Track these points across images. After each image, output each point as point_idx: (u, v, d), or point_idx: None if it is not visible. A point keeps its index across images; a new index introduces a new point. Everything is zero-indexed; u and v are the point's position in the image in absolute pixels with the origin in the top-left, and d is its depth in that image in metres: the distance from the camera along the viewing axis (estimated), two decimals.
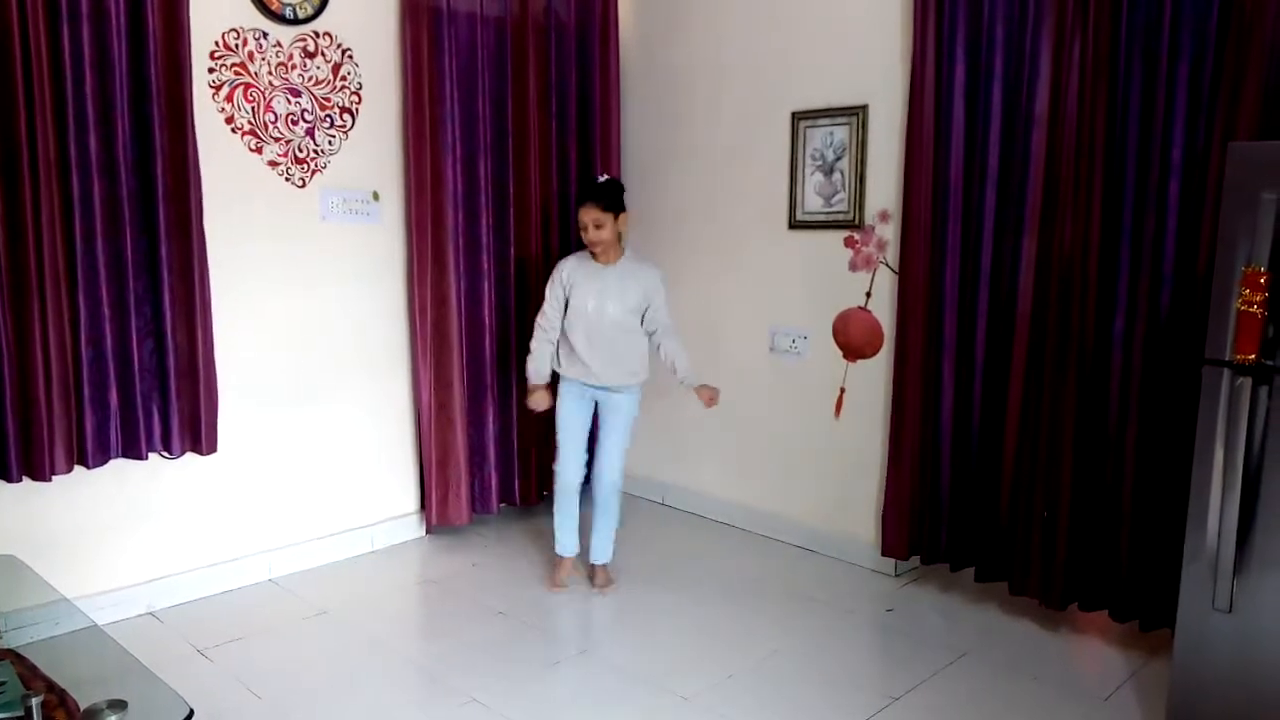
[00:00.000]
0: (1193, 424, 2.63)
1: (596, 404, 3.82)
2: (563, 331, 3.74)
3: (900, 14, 3.77)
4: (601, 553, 3.89)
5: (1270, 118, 2.84)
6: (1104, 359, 3.27)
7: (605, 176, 3.76)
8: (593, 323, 3.66)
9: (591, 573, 3.92)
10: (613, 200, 3.61)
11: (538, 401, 3.79)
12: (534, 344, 3.79)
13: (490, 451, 4.48)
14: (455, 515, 4.36)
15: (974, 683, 3.13)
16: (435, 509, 4.33)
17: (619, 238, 3.68)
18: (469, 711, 2.93)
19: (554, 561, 3.94)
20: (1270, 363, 2.46)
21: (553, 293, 3.73)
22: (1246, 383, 2.47)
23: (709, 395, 3.72)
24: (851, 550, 4.15)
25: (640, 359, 3.76)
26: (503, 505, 4.63)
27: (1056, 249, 3.32)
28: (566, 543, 3.90)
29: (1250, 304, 2.44)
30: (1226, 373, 2.52)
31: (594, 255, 3.67)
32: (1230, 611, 2.56)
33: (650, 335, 3.75)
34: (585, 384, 3.75)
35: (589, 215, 3.58)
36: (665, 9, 4.70)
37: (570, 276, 3.69)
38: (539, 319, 3.78)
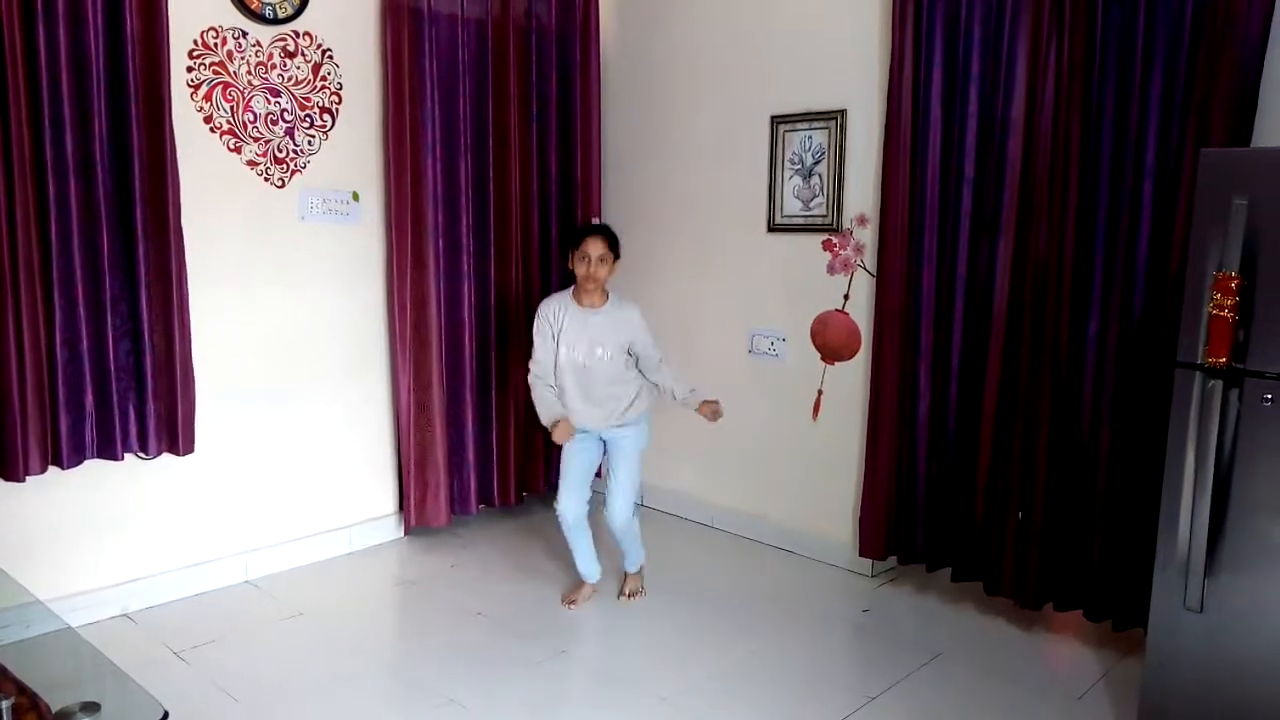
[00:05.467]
0: (1165, 426, 2.66)
1: (604, 440, 3.67)
2: (558, 382, 3.58)
3: (878, 19, 3.79)
4: (635, 561, 3.82)
5: (1241, 124, 2.88)
6: (1078, 361, 3.30)
7: (599, 221, 3.60)
8: (585, 373, 3.53)
9: (622, 580, 3.85)
10: (616, 242, 3.54)
11: (562, 434, 3.52)
12: (535, 394, 3.60)
13: (469, 452, 4.47)
14: (434, 516, 4.35)
15: (949, 683, 3.15)
16: (414, 510, 4.32)
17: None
18: (447, 712, 2.93)
19: (575, 582, 3.82)
20: (1241, 366, 2.49)
21: (541, 337, 3.56)
22: (1217, 386, 2.50)
23: (710, 409, 3.64)
24: (828, 551, 4.17)
25: (636, 395, 3.62)
26: (482, 506, 4.62)
27: (1032, 252, 3.35)
28: (589, 570, 3.75)
29: (1221, 308, 2.46)
30: (1198, 376, 2.55)
31: (579, 297, 3.54)
32: (1201, 612, 2.59)
33: (644, 373, 3.64)
34: (582, 430, 3.59)
35: (596, 248, 3.45)
36: (646, 13, 4.71)
37: (559, 320, 3.53)
38: (532, 368, 3.60)
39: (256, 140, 3.77)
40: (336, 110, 4.01)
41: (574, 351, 3.52)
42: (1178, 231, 2.99)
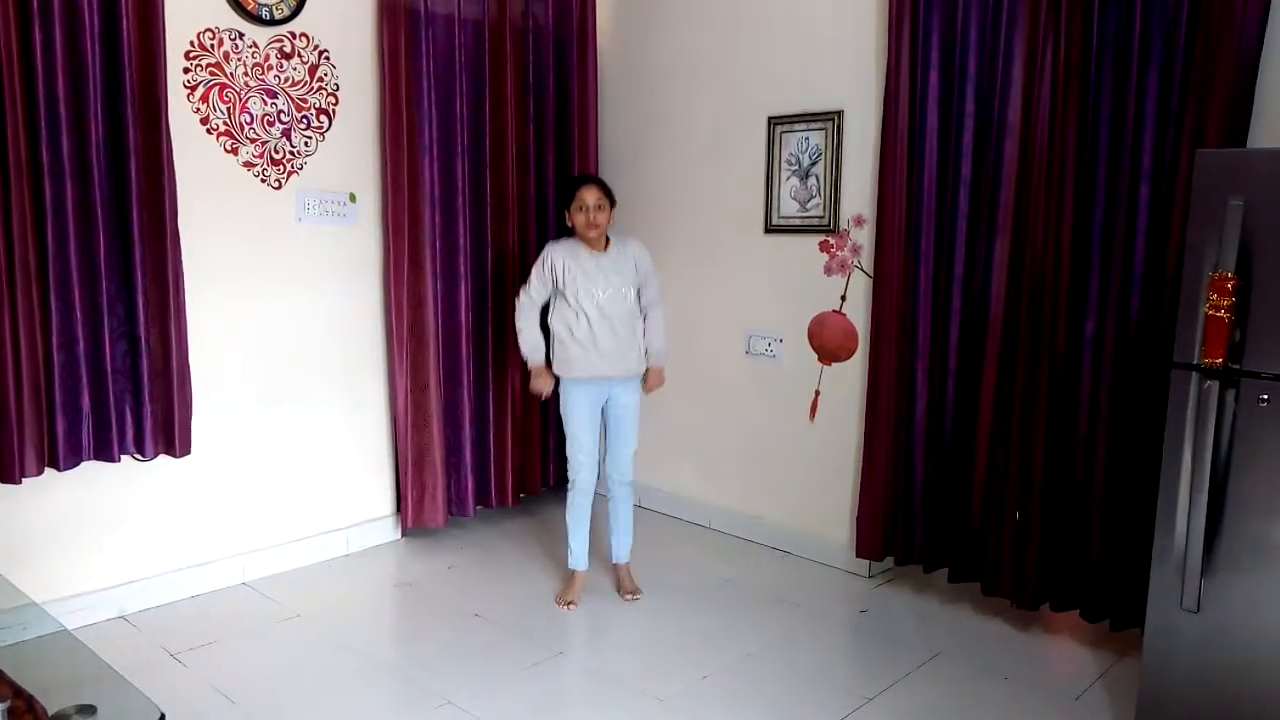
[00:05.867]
0: (1161, 427, 2.67)
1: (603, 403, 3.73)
2: (566, 330, 3.60)
3: (875, 21, 3.80)
4: (625, 551, 3.85)
5: (1237, 125, 2.88)
6: (1075, 362, 3.30)
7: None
8: (603, 315, 3.56)
9: (616, 575, 3.87)
10: (609, 189, 3.60)
11: (543, 385, 3.68)
12: (521, 321, 3.67)
13: (466, 454, 4.46)
14: (431, 518, 4.35)
15: (947, 683, 3.15)
16: (411, 511, 4.32)
17: None
18: (444, 714, 2.93)
19: (566, 578, 3.84)
20: (1237, 366, 2.49)
21: (540, 273, 3.61)
22: (1214, 386, 2.50)
23: (655, 381, 3.76)
24: (826, 552, 4.17)
25: (641, 343, 3.70)
26: (479, 507, 4.62)
27: (1028, 253, 3.36)
28: (582, 555, 3.78)
29: (1218, 308, 2.47)
30: (1194, 376, 2.55)
31: (586, 241, 3.58)
32: (1198, 612, 2.59)
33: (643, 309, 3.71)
34: (595, 384, 3.64)
35: (592, 195, 3.51)
36: (643, 13, 4.71)
37: (564, 265, 3.57)
38: (522, 294, 3.67)
39: (253, 142, 3.77)
40: (333, 111, 4.01)
41: (591, 296, 3.55)
42: (1174, 232, 3.00)
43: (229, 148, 3.71)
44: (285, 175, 3.88)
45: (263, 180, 3.82)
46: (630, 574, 3.86)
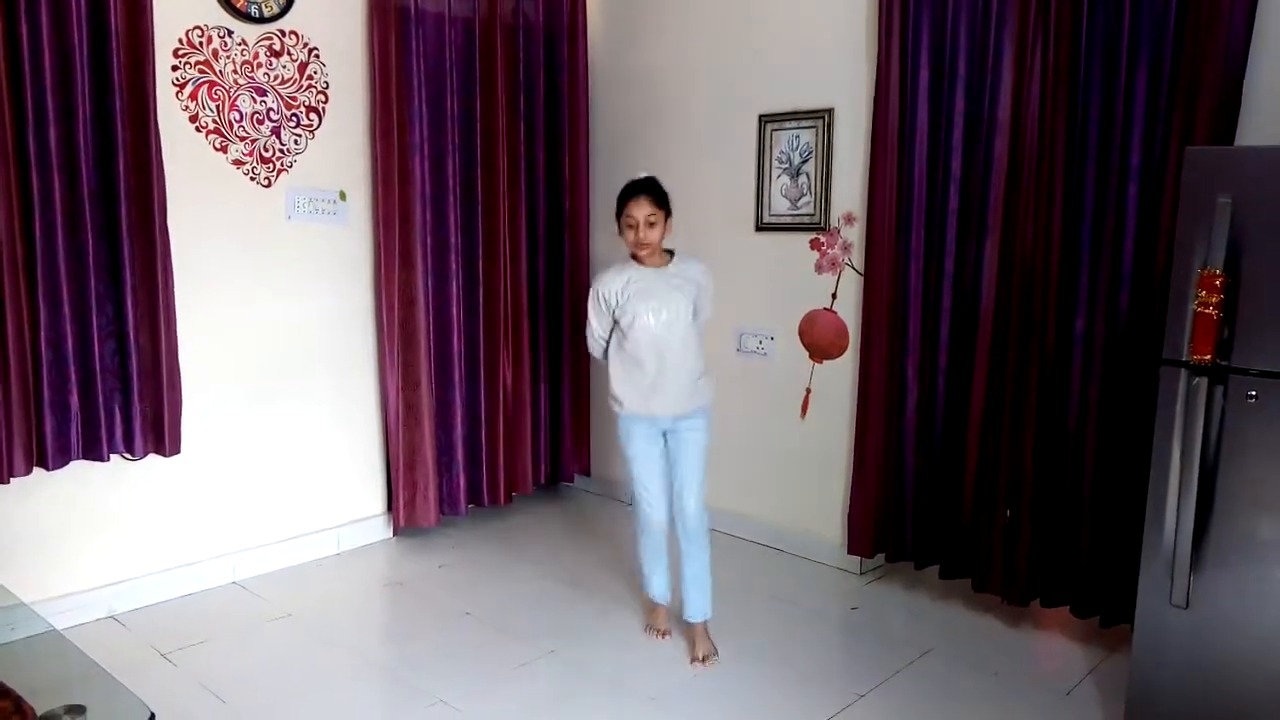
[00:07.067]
0: (1151, 423, 2.67)
1: (664, 437, 3.30)
2: (620, 366, 3.24)
3: (865, 19, 3.80)
4: (700, 608, 3.30)
5: (1225, 123, 2.89)
6: (1064, 359, 3.32)
7: (645, 173, 3.23)
8: (661, 342, 3.15)
9: (690, 636, 3.33)
10: (664, 196, 3.14)
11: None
12: (595, 349, 3.38)
13: (458, 452, 4.46)
14: (423, 517, 4.34)
15: (938, 679, 3.16)
16: (402, 510, 4.31)
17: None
18: (436, 712, 2.92)
19: (648, 607, 3.53)
20: (1225, 363, 2.50)
21: (597, 313, 3.25)
22: (1202, 383, 2.51)
23: None
24: (817, 549, 4.18)
25: (704, 371, 3.28)
26: (471, 506, 4.61)
27: (1018, 251, 3.37)
28: (660, 588, 3.43)
29: (1206, 305, 2.47)
30: (1183, 373, 2.56)
31: (638, 260, 3.18)
32: (1187, 607, 2.60)
33: None
34: (656, 418, 3.24)
35: (641, 210, 3.06)
36: (634, 12, 4.71)
37: (619, 292, 3.16)
38: (589, 334, 3.33)
39: (243, 139, 3.76)
40: (323, 109, 3.99)
41: (648, 322, 3.13)
42: (1163, 229, 3.01)
43: (218, 145, 3.69)
44: (275, 173, 3.87)
45: (252, 178, 3.80)
46: (705, 634, 3.32)
